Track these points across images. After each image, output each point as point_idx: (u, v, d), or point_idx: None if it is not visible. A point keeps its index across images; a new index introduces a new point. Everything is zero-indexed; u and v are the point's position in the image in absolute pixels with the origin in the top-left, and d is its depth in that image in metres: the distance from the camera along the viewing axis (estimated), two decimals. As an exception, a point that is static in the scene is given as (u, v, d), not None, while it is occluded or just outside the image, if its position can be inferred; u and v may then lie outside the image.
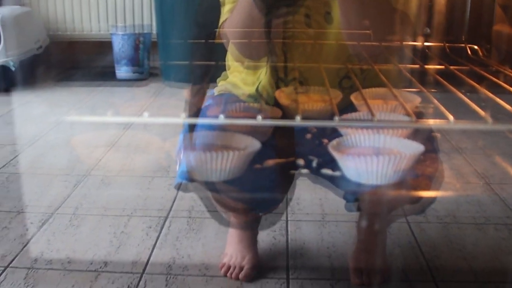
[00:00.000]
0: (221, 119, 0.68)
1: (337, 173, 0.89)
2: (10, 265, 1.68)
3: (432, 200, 1.37)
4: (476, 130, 0.64)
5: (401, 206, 1.50)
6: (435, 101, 0.74)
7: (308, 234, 1.89)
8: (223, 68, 1.59)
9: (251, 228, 1.69)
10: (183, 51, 1.22)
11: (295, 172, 1.22)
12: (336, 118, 0.66)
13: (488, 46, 1.10)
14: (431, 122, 0.67)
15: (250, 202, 1.47)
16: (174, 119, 0.66)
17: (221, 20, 1.40)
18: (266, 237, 1.83)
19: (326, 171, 1.11)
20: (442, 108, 0.69)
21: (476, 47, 1.10)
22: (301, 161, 1.19)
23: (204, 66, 1.08)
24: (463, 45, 1.10)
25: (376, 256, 1.65)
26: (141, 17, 4.41)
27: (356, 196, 1.39)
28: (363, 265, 1.63)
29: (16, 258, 1.72)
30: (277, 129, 1.16)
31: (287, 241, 1.84)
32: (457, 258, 1.75)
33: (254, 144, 0.92)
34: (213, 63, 1.08)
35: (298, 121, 0.66)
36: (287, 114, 1.06)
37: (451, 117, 0.65)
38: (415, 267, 1.69)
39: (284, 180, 1.28)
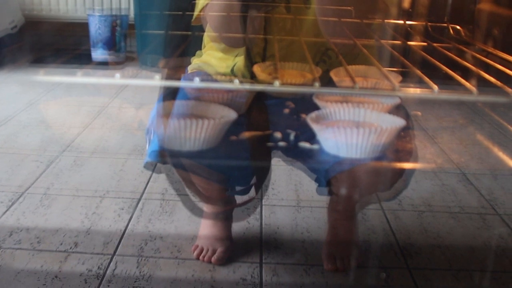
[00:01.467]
0: (197, 83, 0.65)
1: (315, 146, 0.87)
2: (-23, 243, 1.64)
3: (404, 186, 1.36)
4: (456, 109, 0.62)
5: (372, 191, 1.49)
6: (418, 72, 0.72)
7: (282, 219, 1.87)
8: (199, 46, 1.56)
9: (224, 218, 1.67)
10: (161, 36, 1.18)
11: (271, 145, 1.20)
12: (317, 84, 0.64)
13: (470, 26, 1.08)
14: (415, 91, 0.65)
15: (224, 180, 1.44)
16: (147, 81, 0.63)
17: (199, 4, 1.37)
18: (239, 214, 1.81)
19: (304, 144, 1.09)
20: (426, 79, 0.67)
21: (458, 27, 1.08)
22: (278, 135, 1.17)
23: (180, 38, 1.06)
24: (445, 25, 1.09)
25: (349, 242, 1.63)
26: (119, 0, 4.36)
27: (327, 179, 1.37)
28: (335, 250, 1.62)
29: (-16, 236, 1.68)
30: (253, 104, 1.13)
31: (261, 225, 1.82)
32: (431, 246, 1.74)
33: (230, 114, 0.90)
34: (189, 33, 1.05)
35: (276, 85, 0.63)
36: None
37: (435, 87, 0.63)
38: (390, 254, 1.68)
39: (260, 153, 1.26)
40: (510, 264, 1.67)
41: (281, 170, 2.22)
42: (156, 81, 0.63)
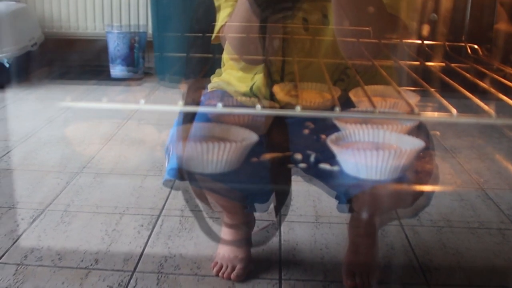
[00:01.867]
0: (219, 108, 0.67)
1: (335, 168, 0.87)
2: (0, 261, 1.66)
3: (425, 203, 1.36)
4: (474, 129, 0.63)
5: (394, 208, 1.49)
6: (437, 95, 0.73)
7: (301, 235, 1.88)
8: (218, 65, 1.58)
9: (244, 229, 1.68)
10: (179, 50, 1.20)
11: (292, 167, 1.20)
12: (337, 108, 0.65)
13: (488, 46, 1.09)
14: (434, 115, 0.66)
15: (243, 198, 1.45)
16: (170, 107, 0.64)
17: (217, 25, 1.39)
18: (258, 237, 1.82)
19: (324, 166, 1.10)
20: (445, 102, 0.67)
21: (476, 46, 1.09)
22: (298, 156, 1.18)
23: (200, 60, 1.07)
24: (463, 44, 1.09)
25: (369, 258, 1.63)
26: (137, 16, 4.40)
27: (348, 197, 1.38)
28: (355, 267, 1.62)
29: (6, 254, 1.70)
30: (273, 124, 1.14)
31: (280, 241, 1.83)
32: (450, 261, 1.74)
33: (252, 137, 0.91)
34: (210, 55, 1.07)
35: (298, 110, 0.64)
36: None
37: (454, 110, 0.64)
38: (409, 270, 1.68)
39: (280, 175, 1.27)
40: (531, 280, 1.66)
41: (299, 186, 2.21)
42: (179, 106, 0.64)
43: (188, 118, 1.07)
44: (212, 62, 1.13)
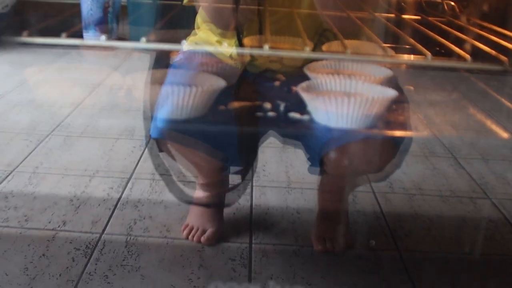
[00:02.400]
0: (184, 45, 0.64)
1: (305, 117, 0.85)
2: (-36, 220, 1.63)
3: (395, 167, 1.35)
4: (450, 80, 0.61)
5: (364, 171, 1.47)
6: (411, 40, 0.71)
7: (272, 200, 1.86)
8: (191, 24, 1.55)
9: (216, 202, 1.66)
10: (153, 16, 1.17)
11: (260, 115, 1.18)
12: (307, 48, 0.62)
13: (465, 2, 1.07)
14: (408, 58, 0.64)
15: (222, 158, 1.43)
16: (135, 44, 0.61)
17: None
18: (229, 198, 1.80)
19: (294, 115, 1.07)
20: (419, 46, 0.65)
21: (453, 3, 1.07)
22: (267, 105, 1.16)
23: (171, 10, 1.04)
24: (439, 0, 1.08)
25: (339, 223, 1.63)
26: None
27: (320, 158, 1.36)
28: (325, 232, 1.61)
29: (-29, 214, 1.66)
30: (244, 76, 1.12)
31: (251, 206, 1.81)
32: (421, 229, 1.74)
33: (219, 83, 0.89)
34: (178, 2, 1.03)
35: (266, 49, 0.62)
36: (257, 63, 1.03)
37: (428, 53, 0.62)
38: (380, 236, 1.68)
39: (249, 123, 1.24)
40: (500, 247, 1.67)
41: (272, 151, 2.21)
42: (142, 43, 0.61)
43: (158, 68, 1.04)
44: (183, 16, 1.09)
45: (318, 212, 1.66)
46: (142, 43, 0.60)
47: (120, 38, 4.13)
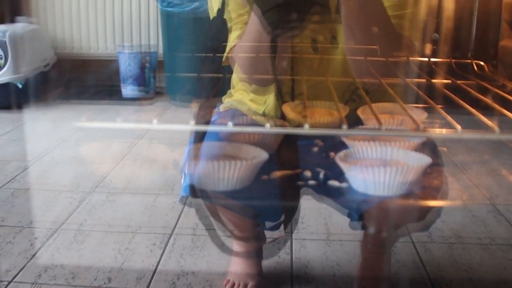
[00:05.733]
0: (230, 127, 0.68)
1: (344, 185, 0.89)
2: (14, 280, 1.68)
3: (436, 217, 1.37)
4: (482, 144, 0.64)
5: (406, 223, 1.49)
6: (442, 112, 0.74)
7: (312, 253, 1.88)
8: (228, 85, 1.60)
9: (254, 255, 1.68)
10: (189, 70, 1.22)
11: (301, 184, 1.22)
12: (344, 126, 0.66)
13: (494, 62, 1.10)
14: (439, 131, 0.67)
15: (255, 215, 1.47)
16: (182, 126, 0.66)
17: (228, 46, 1.40)
18: (269, 250, 1.83)
19: (333, 183, 1.11)
20: (449, 118, 0.69)
21: (482, 63, 1.10)
22: (308, 173, 1.20)
23: (211, 79, 1.09)
24: (469, 61, 1.11)
25: (381, 275, 1.64)
26: (148, 36, 4.43)
27: (360, 214, 1.39)
28: (367, 284, 1.62)
29: (20, 273, 1.71)
30: (283, 142, 1.16)
31: (291, 259, 1.83)
32: (462, 278, 1.74)
33: (262, 155, 0.93)
34: (220, 75, 1.08)
35: (306, 129, 0.66)
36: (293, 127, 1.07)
37: (458, 127, 0.65)
38: (420, 286, 1.68)
39: (290, 192, 1.28)
40: (543, 296, 1.66)
41: (310, 203, 2.22)
42: (191, 126, 0.66)
43: (201, 137, 1.09)
44: (222, 82, 1.14)
45: (361, 263, 1.67)
46: (191, 125, 0.65)
47: (157, 92, 4.23)
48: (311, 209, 2.19)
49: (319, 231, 2.04)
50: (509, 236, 2.01)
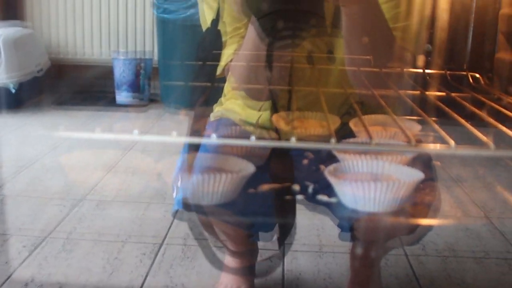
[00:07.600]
0: (213, 139, 0.66)
1: (333, 200, 0.86)
2: (-1, 289, 1.65)
3: (427, 229, 1.35)
4: (477, 158, 0.62)
5: (396, 235, 1.47)
6: (436, 126, 0.72)
7: (304, 265, 1.86)
8: (220, 94, 1.57)
9: (247, 273, 1.66)
10: (184, 77, 1.20)
11: (290, 198, 1.19)
12: (333, 140, 0.64)
13: (490, 75, 1.08)
14: (432, 147, 0.65)
15: (248, 226, 1.44)
16: (164, 137, 0.64)
17: (224, 60, 1.37)
18: (262, 267, 1.80)
19: (322, 197, 1.09)
20: (443, 133, 0.66)
21: (477, 75, 1.08)
22: (296, 187, 1.17)
23: (204, 88, 1.07)
24: (464, 73, 1.09)
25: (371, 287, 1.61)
26: (143, 43, 4.42)
27: (350, 225, 1.37)
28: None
29: (6, 282, 1.68)
30: (272, 153, 1.14)
31: (283, 271, 1.81)
32: (456, 292, 1.72)
33: (248, 168, 0.90)
34: (212, 84, 1.06)
35: (293, 142, 0.63)
36: (283, 138, 1.04)
37: (452, 142, 0.63)
38: (413, 301, 1.66)
39: (283, 205, 1.26)
40: (537, 311, 1.64)
41: (303, 215, 2.20)
42: (173, 137, 0.63)
43: (193, 149, 1.06)
44: (214, 91, 1.12)
45: (351, 277, 1.65)
46: (173, 137, 0.63)
47: (151, 99, 4.20)
48: (304, 220, 2.17)
49: (311, 243, 2.01)
50: (503, 250, 1.99)
